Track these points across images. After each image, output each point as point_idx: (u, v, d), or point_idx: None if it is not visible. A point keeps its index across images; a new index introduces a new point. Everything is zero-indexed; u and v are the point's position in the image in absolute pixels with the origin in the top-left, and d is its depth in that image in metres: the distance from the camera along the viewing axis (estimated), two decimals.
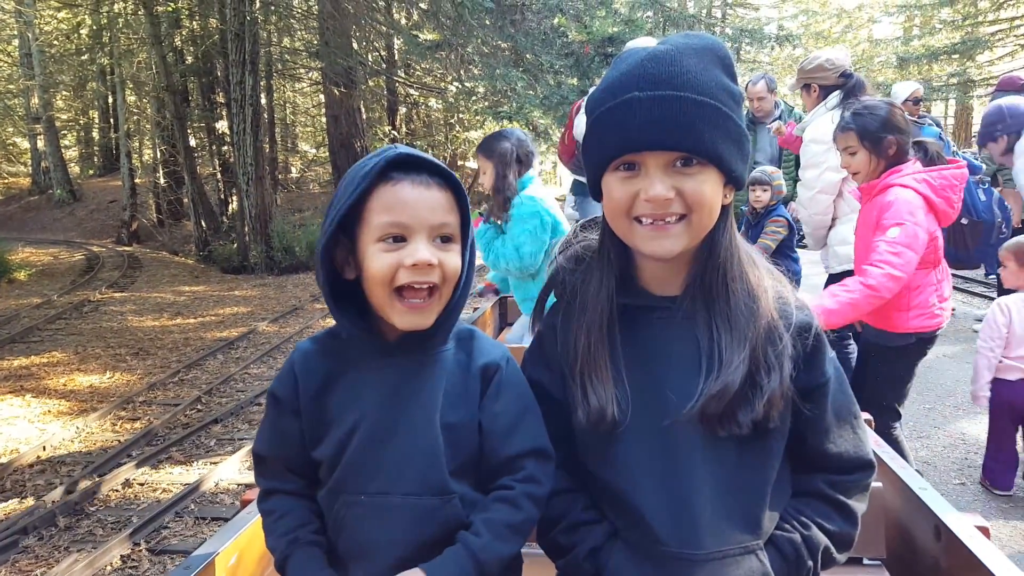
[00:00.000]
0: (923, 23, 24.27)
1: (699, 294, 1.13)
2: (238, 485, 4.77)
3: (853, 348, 3.91)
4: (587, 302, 1.18)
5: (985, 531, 1.46)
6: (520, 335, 3.74)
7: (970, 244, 3.46)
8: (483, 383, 1.17)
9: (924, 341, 2.98)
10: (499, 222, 3.43)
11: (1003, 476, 3.75)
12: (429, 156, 1.14)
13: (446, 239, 1.13)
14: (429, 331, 1.14)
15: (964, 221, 3.18)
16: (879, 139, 2.85)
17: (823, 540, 1.16)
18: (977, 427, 4.53)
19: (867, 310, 2.74)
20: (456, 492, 1.14)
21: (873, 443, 1.62)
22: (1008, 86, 5.96)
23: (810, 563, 1.15)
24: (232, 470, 4.95)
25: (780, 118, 5.62)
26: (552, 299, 1.29)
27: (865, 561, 1.69)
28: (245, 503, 1.67)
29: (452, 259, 1.12)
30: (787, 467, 1.19)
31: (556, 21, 11.94)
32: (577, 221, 1.46)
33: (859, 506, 1.20)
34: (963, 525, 1.46)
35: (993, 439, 3.78)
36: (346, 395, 1.16)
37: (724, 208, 1.11)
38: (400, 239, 1.09)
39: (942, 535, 1.48)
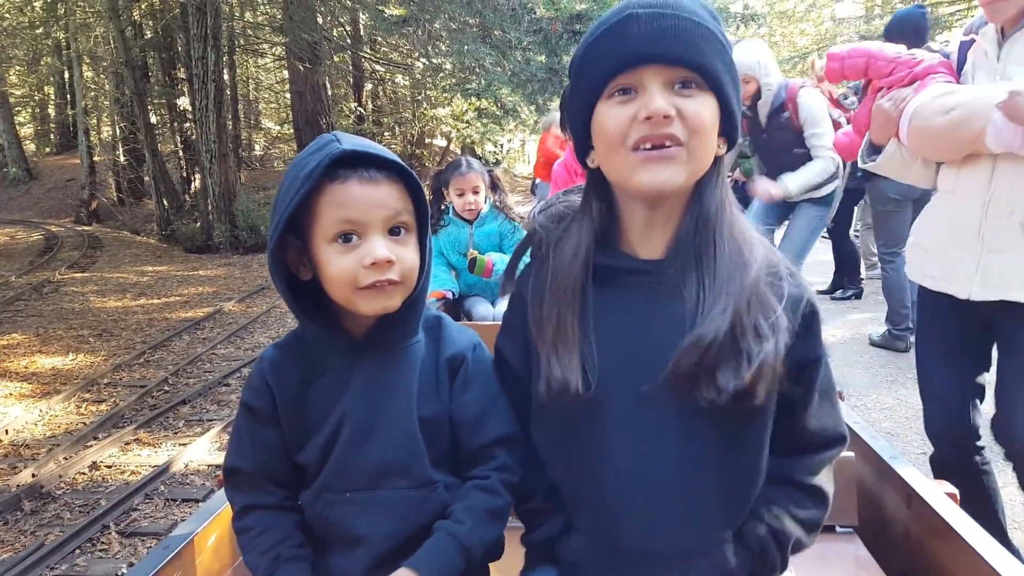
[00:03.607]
0: (884, 2, 24.47)
1: (686, 252, 1.06)
2: (208, 466, 4.71)
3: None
4: (562, 262, 1.11)
5: (954, 497, 1.51)
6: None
7: None
8: (451, 375, 1.16)
9: None
10: None
11: None
12: (377, 148, 1.08)
13: (397, 231, 1.09)
14: (397, 323, 1.12)
15: None
16: None
17: (793, 533, 1.12)
18: None
19: None
20: (439, 481, 1.14)
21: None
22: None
23: (776, 556, 1.11)
24: (202, 451, 4.89)
25: None
26: (526, 260, 1.23)
27: (838, 529, 1.73)
28: (222, 482, 1.65)
29: (408, 254, 1.10)
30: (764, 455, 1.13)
31: None
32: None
33: (830, 486, 1.17)
34: (933, 492, 1.50)
35: None
36: (324, 398, 1.14)
37: (716, 159, 1.07)
38: (353, 236, 1.06)
39: (913, 502, 1.52)
